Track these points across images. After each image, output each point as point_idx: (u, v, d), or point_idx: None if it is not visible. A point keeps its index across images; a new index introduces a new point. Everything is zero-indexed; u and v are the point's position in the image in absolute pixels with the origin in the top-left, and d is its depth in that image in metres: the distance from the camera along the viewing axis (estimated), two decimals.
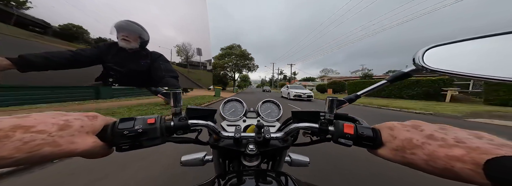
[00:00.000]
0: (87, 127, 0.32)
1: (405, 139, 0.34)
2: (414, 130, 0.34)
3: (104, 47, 0.49)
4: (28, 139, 0.25)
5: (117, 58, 0.50)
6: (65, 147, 0.28)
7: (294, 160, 0.76)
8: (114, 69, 0.50)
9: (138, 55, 0.52)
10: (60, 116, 0.30)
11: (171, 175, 1.99)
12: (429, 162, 0.29)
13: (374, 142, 0.39)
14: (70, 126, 0.29)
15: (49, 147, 0.26)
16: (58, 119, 0.29)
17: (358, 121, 0.47)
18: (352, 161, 2.48)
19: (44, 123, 0.27)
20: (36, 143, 0.25)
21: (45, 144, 0.26)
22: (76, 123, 0.31)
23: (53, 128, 0.27)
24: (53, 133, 0.27)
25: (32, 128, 0.26)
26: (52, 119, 0.29)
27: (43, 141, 0.26)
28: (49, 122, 0.28)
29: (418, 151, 0.31)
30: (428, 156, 0.29)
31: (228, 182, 0.41)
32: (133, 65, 0.52)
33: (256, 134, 0.49)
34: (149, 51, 0.52)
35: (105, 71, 0.49)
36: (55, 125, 0.28)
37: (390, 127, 0.38)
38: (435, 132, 0.32)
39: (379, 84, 0.49)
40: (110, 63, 0.49)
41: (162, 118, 0.44)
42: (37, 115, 0.28)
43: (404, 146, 0.33)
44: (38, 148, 0.25)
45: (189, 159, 0.73)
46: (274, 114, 0.71)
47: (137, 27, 0.49)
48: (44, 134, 0.26)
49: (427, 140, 0.31)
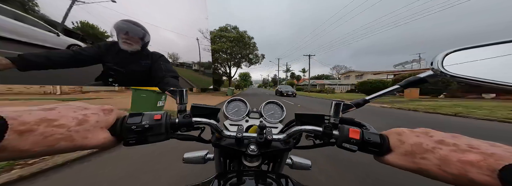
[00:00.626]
0: (101, 122, 0.34)
1: (414, 144, 0.33)
2: (424, 136, 0.33)
3: (105, 47, 0.48)
4: (48, 133, 0.27)
5: (118, 58, 0.49)
6: (78, 142, 0.30)
7: (295, 162, 0.75)
8: (114, 69, 0.50)
9: (138, 56, 0.52)
10: (81, 110, 0.32)
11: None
12: (442, 167, 0.28)
13: (381, 148, 0.38)
14: (87, 121, 0.31)
15: (64, 141, 0.28)
16: (78, 113, 0.31)
17: (365, 126, 0.46)
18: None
19: (66, 117, 0.29)
20: (53, 138, 0.27)
21: (62, 139, 0.28)
22: (93, 118, 0.32)
23: (72, 123, 0.29)
24: (71, 128, 0.29)
25: (54, 121, 0.28)
26: (73, 112, 0.31)
27: (61, 135, 0.28)
28: (70, 116, 0.30)
29: (429, 155, 0.30)
30: (440, 161, 0.29)
31: (227, 182, 0.41)
32: (134, 65, 0.52)
33: (258, 134, 0.48)
34: (149, 52, 0.51)
35: (105, 71, 0.49)
36: (74, 120, 0.30)
37: (398, 132, 0.37)
38: (446, 138, 0.31)
39: (392, 89, 0.48)
40: (111, 63, 0.49)
41: (167, 115, 0.44)
42: (62, 107, 0.31)
43: (413, 151, 0.32)
44: (55, 143, 0.27)
45: (191, 156, 0.74)
46: (277, 115, 0.70)
47: (138, 29, 0.49)
48: (63, 129, 0.28)
49: (438, 145, 0.30)
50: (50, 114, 0.28)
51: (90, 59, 0.48)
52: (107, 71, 0.50)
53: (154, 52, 0.52)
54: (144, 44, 0.50)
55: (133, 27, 0.46)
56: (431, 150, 0.30)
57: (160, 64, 0.53)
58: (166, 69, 0.54)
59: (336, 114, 0.48)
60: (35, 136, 0.25)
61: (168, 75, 0.54)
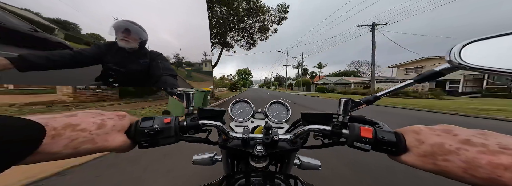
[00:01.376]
0: (117, 126, 0.36)
1: (435, 144, 0.30)
2: (446, 134, 0.30)
3: (104, 47, 0.49)
4: (74, 137, 0.29)
5: (117, 58, 0.50)
6: (99, 144, 0.32)
7: (304, 163, 0.75)
8: (114, 69, 0.50)
9: (137, 55, 0.52)
10: (98, 115, 0.35)
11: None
12: (469, 170, 0.25)
13: (397, 148, 0.36)
14: (105, 125, 0.34)
15: (88, 144, 0.31)
16: (96, 118, 0.34)
17: (377, 124, 0.44)
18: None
19: (86, 122, 0.32)
20: (79, 141, 0.30)
21: (85, 141, 0.31)
22: (110, 123, 0.35)
23: (92, 127, 0.32)
24: (93, 131, 0.32)
25: (78, 126, 0.30)
26: (92, 118, 0.33)
27: (84, 138, 0.30)
28: (89, 121, 0.33)
29: (453, 157, 0.27)
30: (466, 164, 0.26)
31: (235, 183, 0.41)
32: (133, 64, 0.52)
33: (264, 135, 0.48)
34: (148, 50, 0.52)
35: (105, 71, 0.49)
36: (94, 124, 0.33)
37: (415, 131, 0.35)
38: (473, 137, 0.28)
39: (405, 84, 0.45)
40: (110, 63, 0.49)
41: (176, 118, 0.46)
42: (81, 114, 0.34)
43: (434, 152, 0.30)
44: (80, 145, 0.30)
45: (199, 158, 0.76)
46: (282, 115, 0.70)
47: (136, 27, 0.49)
48: (86, 132, 0.31)
49: (463, 145, 0.27)
50: (72, 119, 0.31)
51: (90, 59, 0.49)
52: (107, 71, 0.50)
53: (152, 51, 0.52)
54: (142, 42, 0.50)
55: (129, 25, 0.47)
56: (455, 151, 0.27)
57: (158, 63, 0.52)
58: (164, 67, 0.54)
59: (345, 112, 0.47)
60: (63, 139, 0.28)
61: (165, 74, 0.54)
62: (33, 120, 0.26)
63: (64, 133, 0.28)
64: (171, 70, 0.55)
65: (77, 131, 0.30)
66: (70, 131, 0.29)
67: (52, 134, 0.27)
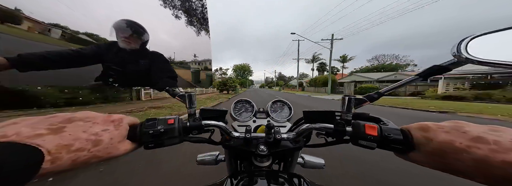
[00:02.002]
0: (115, 137, 0.34)
1: (443, 142, 0.29)
2: (455, 132, 0.29)
3: (105, 47, 0.48)
4: (73, 157, 0.28)
5: (117, 58, 0.49)
6: (104, 157, 0.32)
7: (307, 161, 0.75)
8: (114, 69, 0.49)
9: (138, 55, 0.51)
10: (89, 127, 0.32)
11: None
12: (481, 170, 0.24)
13: (403, 145, 0.35)
14: (101, 140, 0.32)
15: (94, 159, 0.31)
16: (88, 132, 0.31)
17: (382, 122, 0.44)
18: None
19: (79, 140, 0.29)
20: (82, 160, 0.29)
21: (89, 158, 0.30)
22: (105, 136, 0.33)
23: (88, 145, 0.30)
24: (91, 149, 0.30)
25: (71, 146, 0.28)
26: (83, 132, 0.30)
27: (86, 157, 0.29)
28: (82, 138, 0.30)
29: (463, 156, 0.26)
30: (477, 163, 0.25)
31: (239, 182, 0.41)
32: (133, 65, 0.52)
33: (266, 134, 0.48)
34: (148, 51, 0.51)
35: (105, 71, 0.49)
36: (89, 142, 0.30)
37: (423, 128, 0.33)
38: (484, 133, 0.27)
39: (409, 80, 0.45)
40: (110, 63, 0.49)
41: (179, 119, 0.46)
42: (70, 127, 0.30)
43: (443, 150, 0.28)
44: (86, 161, 0.30)
45: (203, 158, 0.77)
46: (284, 114, 0.70)
47: (137, 28, 0.49)
48: (84, 151, 0.29)
49: (474, 143, 0.26)
50: (62, 138, 0.27)
51: (90, 59, 0.48)
52: (107, 71, 0.50)
53: (153, 51, 0.51)
54: (143, 43, 0.49)
55: (131, 25, 0.46)
56: (466, 150, 0.26)
57: (158, 64, 0.52)
58: (164, 69, 0.53)
59: (348, 110, 0.46)
60: (64, 160, 0.26)
61: (165, 76, 0.54)
62: (24, 143, 0.23)
63: (61, 156, 0.26)
64: (171, 71, 0.55)
65: (73, 152, 0.27)
66: (66, 153, 0.27)
67: (49, 159, 0.25)
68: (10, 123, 0.26)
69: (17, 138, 0.24)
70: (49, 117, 0.30)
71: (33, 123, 0.28)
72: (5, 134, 0.24)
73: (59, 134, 0.28)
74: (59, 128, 0.28)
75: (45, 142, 0.25)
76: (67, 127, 0.29)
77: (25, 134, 0.25)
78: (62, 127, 0.29)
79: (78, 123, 0.31)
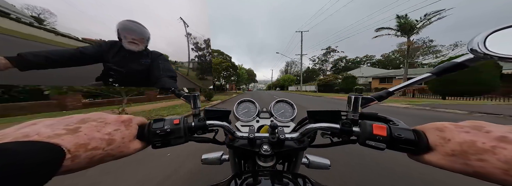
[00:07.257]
0: (126, 137, 0.36)
1: (464, 142, 0.27)
2: (476, 131, 0.28)
3: (106, 46, 0.48)
4: (90, 155, 0.29)
5: (118, 58, 0.49)
6: (117, 155, 0.34)
7: (312, 162, 0.74)
8: (115, 69, 0.49)
9: (139, 55, 0.51)
10: (102, 128, 0.34)
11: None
12: (510, 171, 0.23)
13: (417, 146, 0.34)
14: (114, 140, 0.34)
15: (108, 157, 0.33)
16: (102, 132, 0.33)
17: (392, 121, 0.42)
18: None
19: (94, 139, 0.31)
20: (97, 158, 0.31)
21: (104, 156, 0.32)
22: (117, 135, 0.35)
23: (102, 144, 0.32)
24: (105, 148, 0.32)
25: (88, 145, 0.30)
26: (97, 132, 0.32)
27: (101, 155, 0.31)
28: (97, 137, 0.31)
29: (489, 157, 0.25)
30: (506, 164, 0.23)
31: (243, 182, 0.41)
32: (134, 65, 0.51)
33: (270, 134, 0.48)
34: (149, 51, 0.51)
35: (105, 70, 0.48)
36: (103, 141, 0.32)
37: (439, 128, 0.32)
38: (509, 133, 0.25)
39: (421, 77, 0.42)
40: (111, 62, 0.48)
41: (185, 119, 0.46)
42: (84, 127, 0.32)
43: (464, 151, 0.27)
44: (101, 159, 0.32)
45: (208, 158, 0.78)
46: (288, 114, 0.69)
47: (143, 29, 0.49)
48: (99, 150, 0.31)
49: (500, 143, 0.25)
50: (79, 138, 0.29)
51: (91, 58, 0.48)
52: (107, 71, 0.49)
53: (154, 51, 0.51)
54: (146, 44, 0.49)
55: (137, 26, 0.46)
56: (491, 150, 0.25)
57: (159, 64, 0.52)
58: (164, 68, 0.53)
59: (355, 109, 0.45)
60: (81, 158, 0.28)
61: (165, 75, 0.53)
62: (47, 141, 0.25)
63: (79, 154, 0.28)
64: (171, 71, 0.54)
65: (90, 150, 0.30)
66: (84, 151, 0.29)
67: (69, 157, 0.27)
68: (30, 124, 0.28)
69: (39, 138, 0.25)
70: (64, 118, 0.32)
71: (51, 124, 0.29)
72: (28, 134, 0.26)
73: (76, 133, 0.29)
74: (75, 128, 0.30)
75: (65, 141, 0.27)
76: (82, 127, 0.31)
77: (46, 134, 0.26)
78: (77, 127, 0.31)
79: (92, 123, 0.33)
